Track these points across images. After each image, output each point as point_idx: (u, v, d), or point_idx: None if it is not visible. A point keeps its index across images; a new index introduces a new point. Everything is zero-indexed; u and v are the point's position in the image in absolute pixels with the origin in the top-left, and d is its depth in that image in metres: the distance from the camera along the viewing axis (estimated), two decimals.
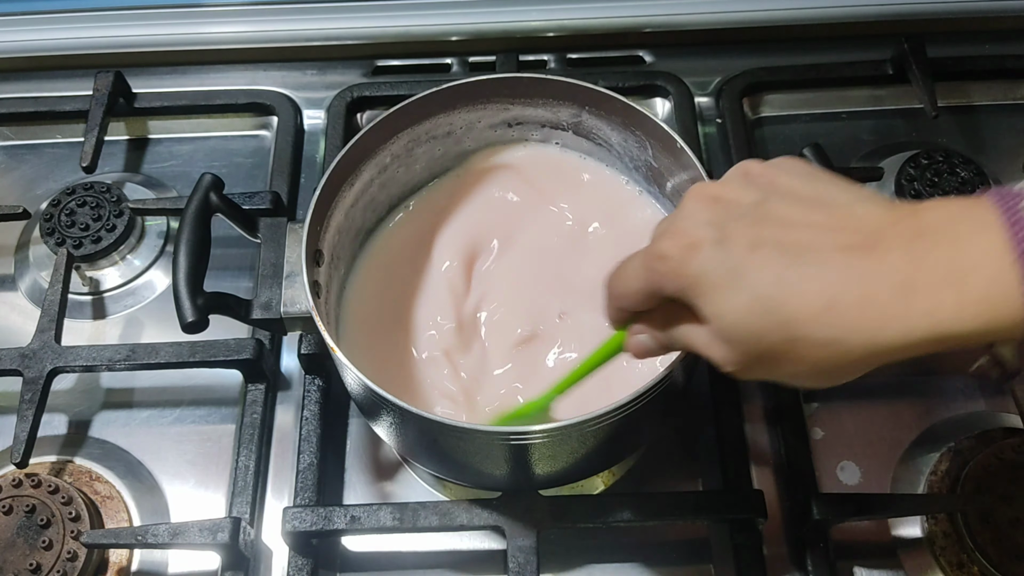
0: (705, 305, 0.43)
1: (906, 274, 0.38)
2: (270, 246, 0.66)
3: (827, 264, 0.40)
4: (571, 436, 0.56)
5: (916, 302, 0.38)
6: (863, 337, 0.39)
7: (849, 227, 0.40)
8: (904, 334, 0.39)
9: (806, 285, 0.40)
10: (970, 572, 0.65)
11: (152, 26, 0.93)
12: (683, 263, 0.43)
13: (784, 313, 0.40)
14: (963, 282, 0.37)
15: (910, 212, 0.40)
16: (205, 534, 0.64)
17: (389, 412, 0.57)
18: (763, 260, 0.41)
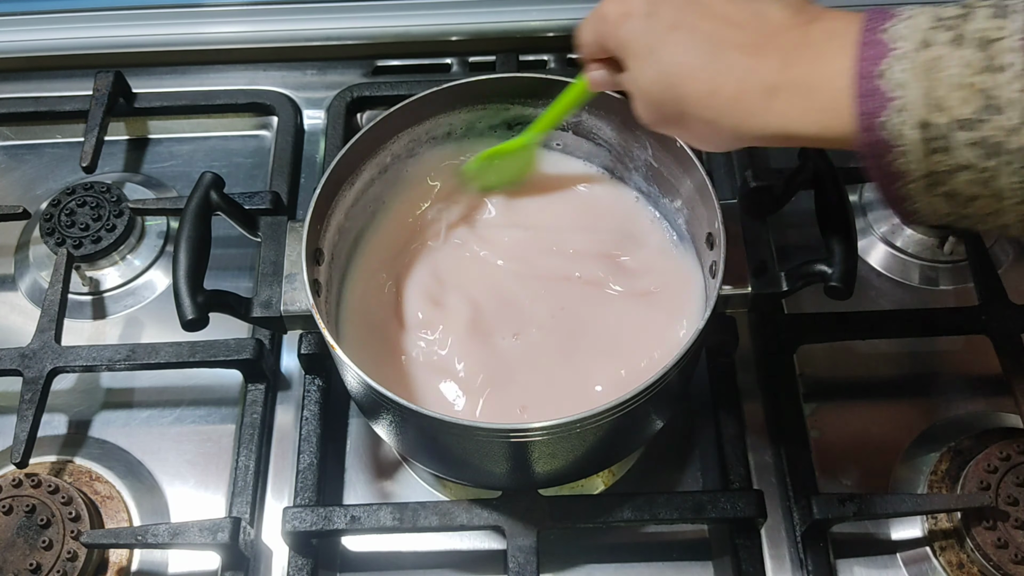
0: (629, 66, 0.52)
1: (774, 79, 0.45)
2: (270, 245, 0.66)
3: (721, 57, 0.47)
4: (571, 434, 0.56)
5: (774, 104, 0.45)
6: (732, 123, 0.47)
7: (752, 25, 0.47)
8: (761, 128, 0.47)
9: (699, 73, 0.48)
10: (970, 572, 0.65)
11: (152, 26, 0.93)
12: (616, 27, 0.52)
13: (678, 91, 0.49)
14: (811, 94, 0.44)
15: (807, 20, 0.46)
16: (205, 534, 0.64)
17: (389, 410, 0.57)
18: (676, 41, 0.49)
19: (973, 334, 0.72)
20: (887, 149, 0.42)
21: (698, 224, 0.65)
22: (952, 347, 0.75)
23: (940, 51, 0.40)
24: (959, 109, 0.40)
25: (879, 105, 0.41)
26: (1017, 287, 0.74)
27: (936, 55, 0.40)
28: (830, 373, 0.75)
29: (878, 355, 0.76)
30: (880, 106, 0.41)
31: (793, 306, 0.75)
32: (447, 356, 0.65)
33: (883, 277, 0.79)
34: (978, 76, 0.39)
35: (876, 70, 0.42)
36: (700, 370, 0.72)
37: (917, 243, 0.80)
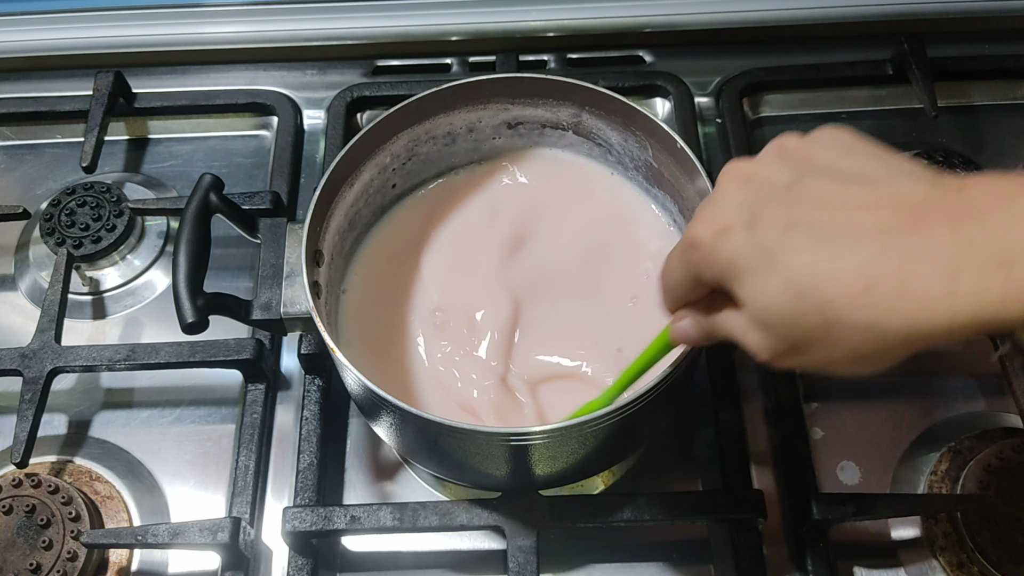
0: (739, 289, 0.42)
1: (951, 255, 0.36)
2: (270, 246, 0.66)
3: (865, 244, 0.38)
4: (571, 437, 0.56)
5: (961, 285, 0.36)
6: (903, 321, 0.37)
7: (889, 204, 0.38)
8: (947, 319, 0.36)
9: (842, 266, 0.38)
10: (970, 572, 0.65)
11: (152, 26, 0.93)
12: (715, 248, 0.42)
13: (819, 296, 0.38)
14: (1011, 265, 0.35)
15: (956, 188, 0.38)
16: (205, 534, 0.64)
17: (389, 413, 0.57)
18: (797, 242, 0.39)
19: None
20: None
21: None
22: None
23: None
24: None
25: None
26: None
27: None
28: None
29: None
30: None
31: None
32: (447, 358, 0.65)
33: None
34: None
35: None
36: (700, 370, 0.72)
37: None
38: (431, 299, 0.68)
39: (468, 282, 0.68)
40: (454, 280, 0.68)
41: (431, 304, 0.68)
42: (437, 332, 0.66)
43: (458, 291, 0.68)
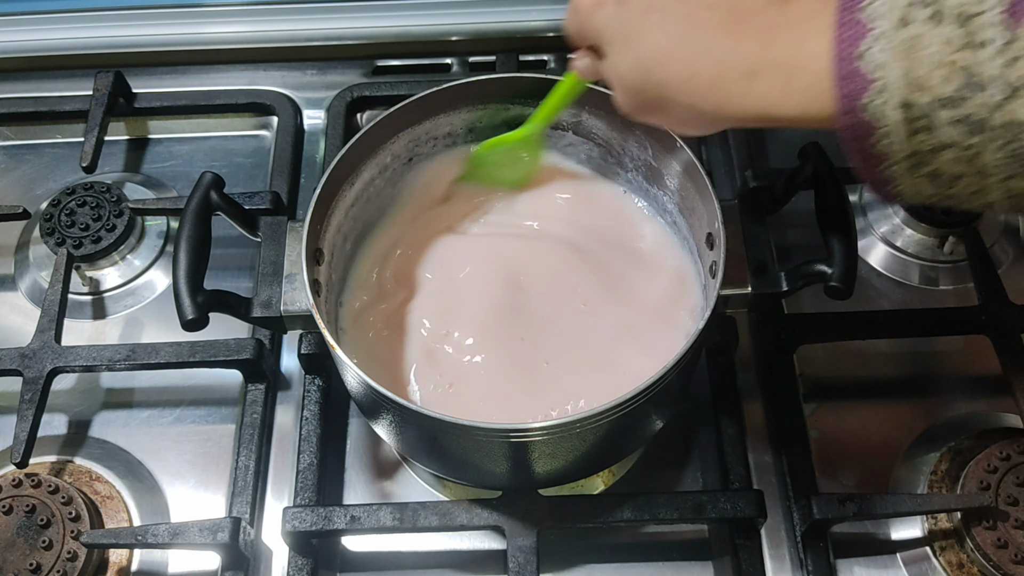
0: (606, 55, 0.53)
1: (753, 61, 0.45)
2: (270, 245, 0.66)
3: (697, 40, 0.47)
4: (571, 434, 0.56)
5: (754, 87, 0.45)
6: (712, 106, 0.47)
7: (727, 5, 0.47)
8: (742, 111, 0.46)
9: (676, 57, 0.48)
10: (970, 572, 0.65)
11: (152, 26, 0.93)
12: (590, 16, 0.53)
13: (656, 76, 0.49)
14: (791, 77, 0.44)
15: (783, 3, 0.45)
16: (205, 534, 0.64)
17: (389, 410, 0.58)
18: (650, 26, 0.48)
19: (973, 334, 0.72)
20: (869, 131, 0.42)
21: (698, 224, 0.65)
22: (952, 347, 0.75)
23: (919, 29, 0.39)
24: (941, 88, 0.39)
25: (859, 87, 0.41)
26: (1017, 287, 0.74)
27: (915, 33, 0.39)
28: (830, 373, 0.75)
29: (878, 355, 0.76)
30: (860, 88, 0.41)
31: (793, 306, 0.75)
32: (447, 356, 0.65)
33: (883, 277, 0.79)
34: (959, 53, 0.39)
35: (855, 51, 0.41)
36: (700, 370, 0.72)
37: (917, 243, 0.80)
38: (432, 297, 0.68)
39: (468, 280, 0.68)
40: (454, 278, 0.68)
41: (431, 302, 0.68)
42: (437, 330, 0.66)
43: (458, 289, 0.68)
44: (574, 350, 0.65)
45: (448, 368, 0.65)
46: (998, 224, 0.80)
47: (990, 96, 0.38)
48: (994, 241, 0.79)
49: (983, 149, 0.40)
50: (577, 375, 0.64)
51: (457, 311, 0.67)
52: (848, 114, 0.42)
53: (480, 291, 0.67)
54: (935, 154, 0.41)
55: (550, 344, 0.65)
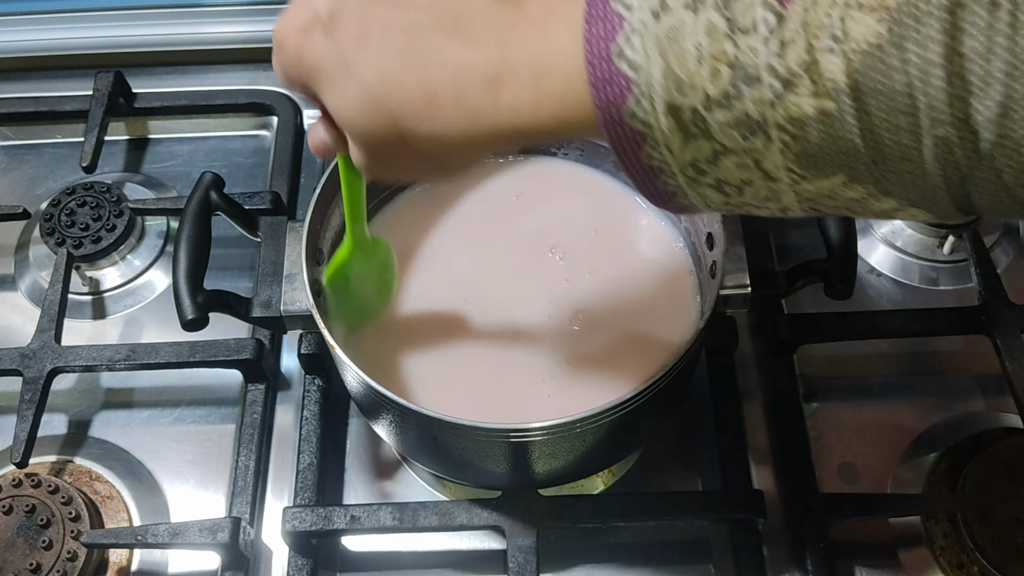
0: (326, 100, 0.42)
1: (495, 68, 0.38)
2: (270, 245, 0.66)
3: (427, 54, 0.39)
4: (571, 434, 0.56)
5: (501, 97, 0.38)
6: (460, 131, 0.39)
7: (454, 10, 0.39)
8: (493, 128, 0.39)
9: (407, 78, 0.39)
10: (970, 572, 0.65)
11: (152, 26, 0.93)
12: (298, 56, 0.42)
13: (390, 107, 0.40)
14: (540, 81, 0.37)
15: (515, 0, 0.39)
16: (205, 534, 0.64)
17: (389, 410, 0.58)
18: (371, 50, 0.40)
19: (973, 334, 0.72)
20: (638, 143, 0.35)
21: (698, 224, 0.65)
22: (952, 347, 0.76)
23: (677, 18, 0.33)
24: (709, 85, 0.33)
25: (619, 93, 0.34)
26: (1017, 287, 0.74)
27: (673, 23, 0.33)
28: (830, 373, 0.75)
29: (878, 355, 0.76)
30: (620, 94, 0.34)
31: (793, 306, 0.75)
32: (446, 355, 0.65)
33: (883, 277, 0.79)
34: (725, 41, 0.32)
35: (609, 50, 0.34)
36: (700, 370, 0.72)
37: (917, 243, 0.80)
38: (430, 296, 0.68)
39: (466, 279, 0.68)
40: (452, 277, 0.68)
41: (430, 301, 0.68)
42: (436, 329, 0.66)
43: (456, 288, 0.68)
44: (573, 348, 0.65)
45: (448, 367, 0.65)
46: (998, 224, 0.80)
47: (766, 89, 0.32)
48: (995, 241, 0.79)
49: (766, 151, 0.34)
50: (576, 375, 0.64)
51: (457, 309, 0.67)
52: (611, 125, 0.35)
53: (479, 288, 0.67)
54: (715, 162, 0.35)
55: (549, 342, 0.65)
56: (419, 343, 0.66)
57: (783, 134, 0.33)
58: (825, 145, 0.33)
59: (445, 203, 0.72)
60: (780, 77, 0.32)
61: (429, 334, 0.66)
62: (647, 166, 0.36)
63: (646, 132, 0.35)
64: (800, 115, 0.32)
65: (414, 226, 0.71)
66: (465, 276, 0.68)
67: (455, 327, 0.66)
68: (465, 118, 0.39)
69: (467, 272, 0.69)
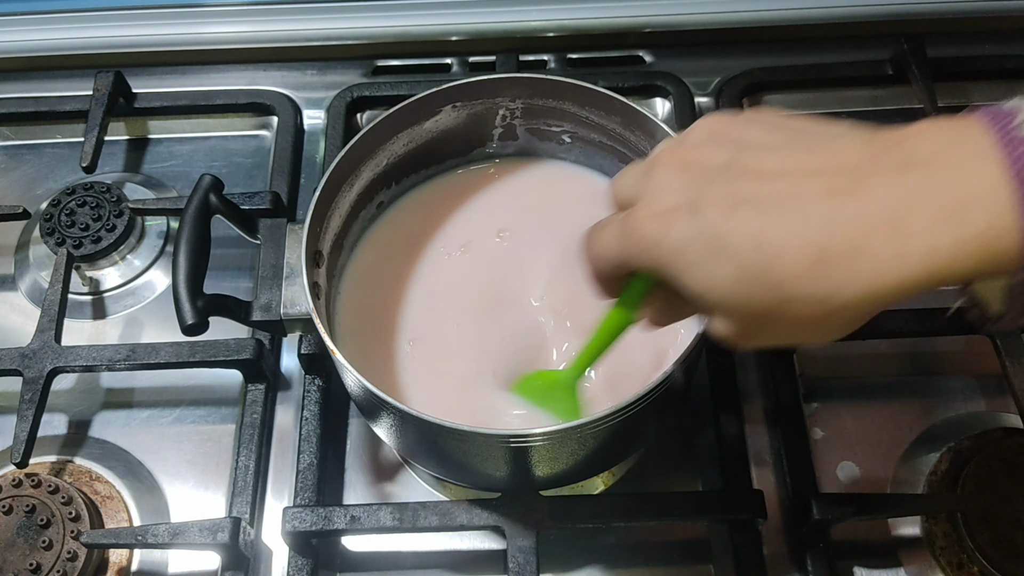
0: (689, 283, 0.40)
1: (896, 213, 0.35)
2: (270, 247, 0.66)
3: (811, 214, 0.37)
4: (571, 438, 0.56)
5: (910, 244, 0.35)
6: (857, 289, 0.36)
7: (829, 168, 0.38)
8: (899, 279, 0.36)
9: (792, 241, 0.37)
10: (970, 572, 0.65)
11: (152, 26, 0.93)
12: (661, 236, 0.40)
13: (774, 276, 0.37)
14: (960, 217, 0.34)
15: (895, 141, 0.37)
16: (205, 534, 0.64)
17: (389, 414, 0.57)
18: (743, 222, 0.38)
19: (973, 334, 0.72)
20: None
21: None
22: (952, 347, 0.75)
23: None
24: None
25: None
26: None
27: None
28: (830, 373, 0.75)
29: (878, 355, 0.76)
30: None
31: None
32: (447, 360, 0.65)
33: None
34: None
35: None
36: (700, 370, 0.72)
37: None
38: (430, 299, 0.68)
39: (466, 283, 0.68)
40: (452, 281, 0.68)
41: (430, 304, 0.68)
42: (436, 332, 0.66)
43: (456, 291, 0.68)
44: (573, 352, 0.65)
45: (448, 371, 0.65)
46: None
47: None
48: None
49: None
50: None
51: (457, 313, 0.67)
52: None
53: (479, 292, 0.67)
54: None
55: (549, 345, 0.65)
56: (419, 347, 0.66)
57: None
58: None
59: (446, 207, 0.72)
60: None
61: (429, 338, 0.66)
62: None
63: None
64: None
65: (415, 229, 0.71)
66: (465, 280, 0.69)
67: (455, 331, 0.66)
68: (864, 274, 0.36)
69: (467, 276, 0.69)
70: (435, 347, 0.66)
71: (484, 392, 0.63)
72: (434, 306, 0.67)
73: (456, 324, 0.66)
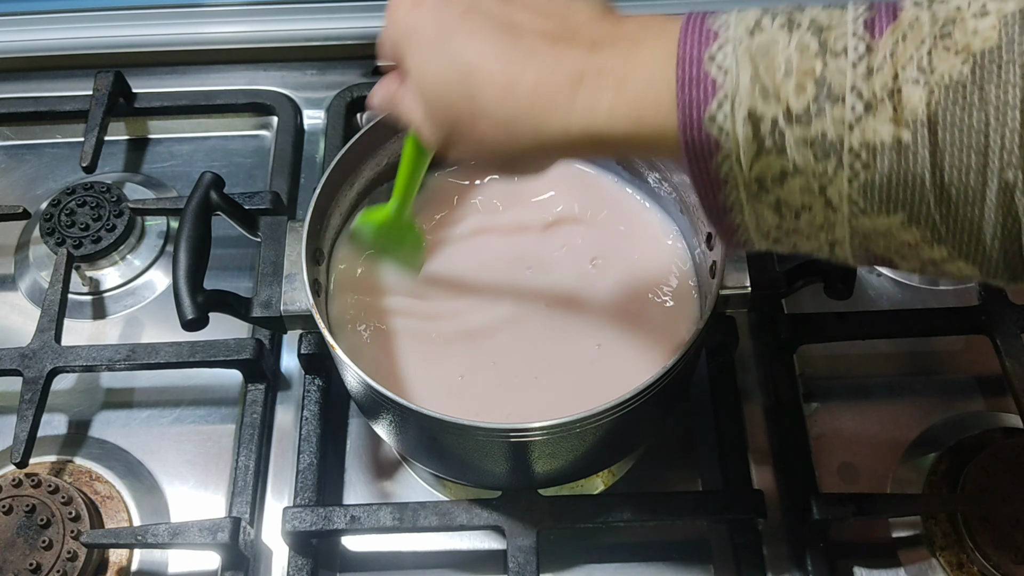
0: (412, 60, 0.44)
1: (580, 69, 0.39)
2: (270, 245, 0.66)
3: (521, 44, 0.41)
4: (571, 434, 0.56)
5: (579, 96, 0.39)
6: (531, 124, 0.40)
7: (558, 16, 0.42)
8: (563, 128, 0.40)
9: (497, 62, 0.41)
10: (970, 572, 0.65)
11: (152, 26, 0.93)
12: (407, 14, 0.44)
13: (472, 84, 0.41)
14: (623, 82, 0.38)
15: (617, 19, 0.41)
16: (205, 534, 0.64)
17: (389, 410, 0.58)
18: (470, 27, 0.42)
19: (973, 334, 0.72)
20: (711, 150, 0.36)
21: (698, 223, 0.65)
22: (952, 347, 0.76)
23: (772, 35, 0.35)
24: (793, 98, 0.35)
25: (703, 94, 0.36)
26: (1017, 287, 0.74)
27: (768, 39, 0.35)
28: (830, 373, 0.75)
29: (878, 355, 0.76)
30: (704, 95, 0.36)
31: (793, 306, 0.75)
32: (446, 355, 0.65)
33: (883, 277, 0.79)
34: (815, 60, 0.34)
35: (701, 54, 0.36)
36: (700, 370, 0.72)
37: None
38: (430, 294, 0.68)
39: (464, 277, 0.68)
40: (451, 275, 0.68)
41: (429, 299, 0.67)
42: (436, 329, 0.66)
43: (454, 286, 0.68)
44: (573, 348, 0.65)
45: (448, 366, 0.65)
46: None
47: (847, 111, 0.34)
48: None
49: (834, 176, 0.35)
50: (576, 374, 0.64)
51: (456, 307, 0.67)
52: (689, 128, 0.36)
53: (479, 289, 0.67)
54: (782, 182, 0.36)
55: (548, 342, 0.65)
56: (419, 343, 0.66)
57: (855, 160, 0.34)
58: (893, 177, 0.34)
59: (443, 201, 0.72)
60: (863, 99, 0.34)
61: (429, 334, 0.66)
62: (715, 176, 0.37)
63: (721, 139, 0.36)
64: (875, 142, 0.34)
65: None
66: (463, 274, 0.68)
67: (454, 326, 0.66)
68: (538, 111, 0.40)
69: (465, 270, 0.69)
70: (435, 342, 0.66)
71: (484, 387, 0.63)
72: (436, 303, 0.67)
73: (455, 319, 0.66)
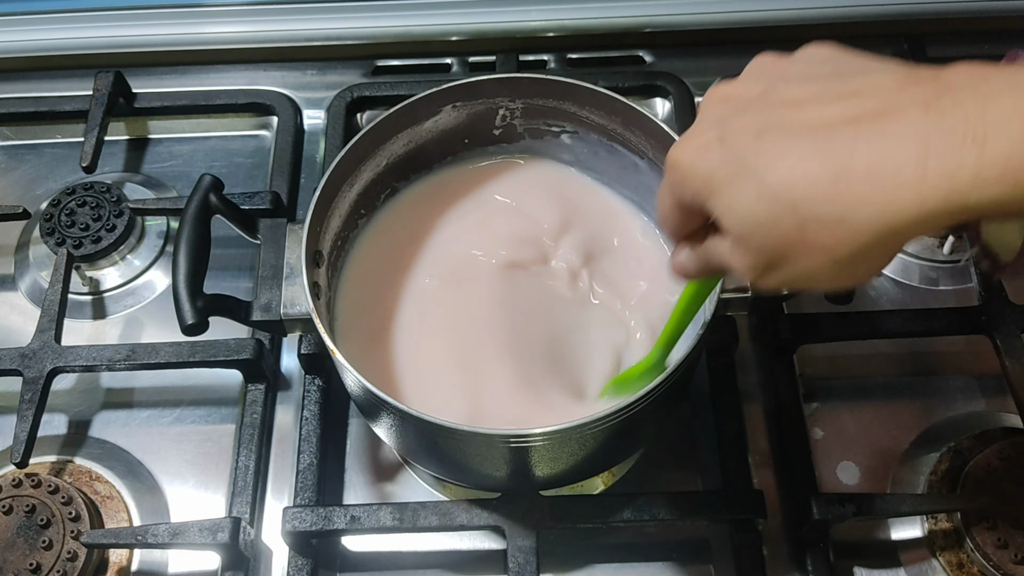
0: (717, 204, 0.40)
1: (921, 136, 0.34)
2: (270, 247, 0.66)
3: (833, 137, 0.37)
4: (571, 439, 0.56)
5: (931, 165, 0.34)
6: (873, 210, 0.35)
7: (860, 94, 0.37)
8: (918, 204, 0.35)
9: (811, 163, 0.37)
10: (970, 572, 0.65)
11: (152, 26, 0.93)
12: (692, 167, 0.41)
13: (792, 196, 0.37)
14: (984, 141, 0.33)
15: (931, 75, 0.36)
16: (205, 534, 0.64)
17: (389, 414, 0.58)
18: (768, 146, 0.38)
19: (973, 334, 0.72)
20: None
21: None
22: (952, 347, 0.75)
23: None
24: None
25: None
26: (1017, 287, 0.74)
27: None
28: (830, 373, 0.75)
29: (878, 355, 0.76)
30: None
31: (793, 306, 0.75)
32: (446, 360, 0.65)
33: (883, 277, 0.79)
34: None
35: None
36: (700, 370, 0.72)
37: (917, 243, 0.80)
38: (429, 298, 0.68)
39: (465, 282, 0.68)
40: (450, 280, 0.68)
41: (429, 303, 0.68)
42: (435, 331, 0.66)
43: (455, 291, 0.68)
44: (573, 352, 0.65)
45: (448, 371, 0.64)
46: None
47: None
48: None
49: None
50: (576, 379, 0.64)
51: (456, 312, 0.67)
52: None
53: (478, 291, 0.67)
54: None
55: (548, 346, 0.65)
56: (419, 347, 0.66)
57: None
58: None
59: (444, 207, 0.72)
60: None
61: (429, 338, 0.66)
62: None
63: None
64: None
65: (415, 229, 0.71)
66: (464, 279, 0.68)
67: (454, 331, 0.66)
68: (881, 194, 0.35)
69: (466, 275, 0.69)
70: (435, 346, 0.66)
71: (484, 392, 0.63)
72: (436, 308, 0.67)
73: (457, 323, 0.66)
